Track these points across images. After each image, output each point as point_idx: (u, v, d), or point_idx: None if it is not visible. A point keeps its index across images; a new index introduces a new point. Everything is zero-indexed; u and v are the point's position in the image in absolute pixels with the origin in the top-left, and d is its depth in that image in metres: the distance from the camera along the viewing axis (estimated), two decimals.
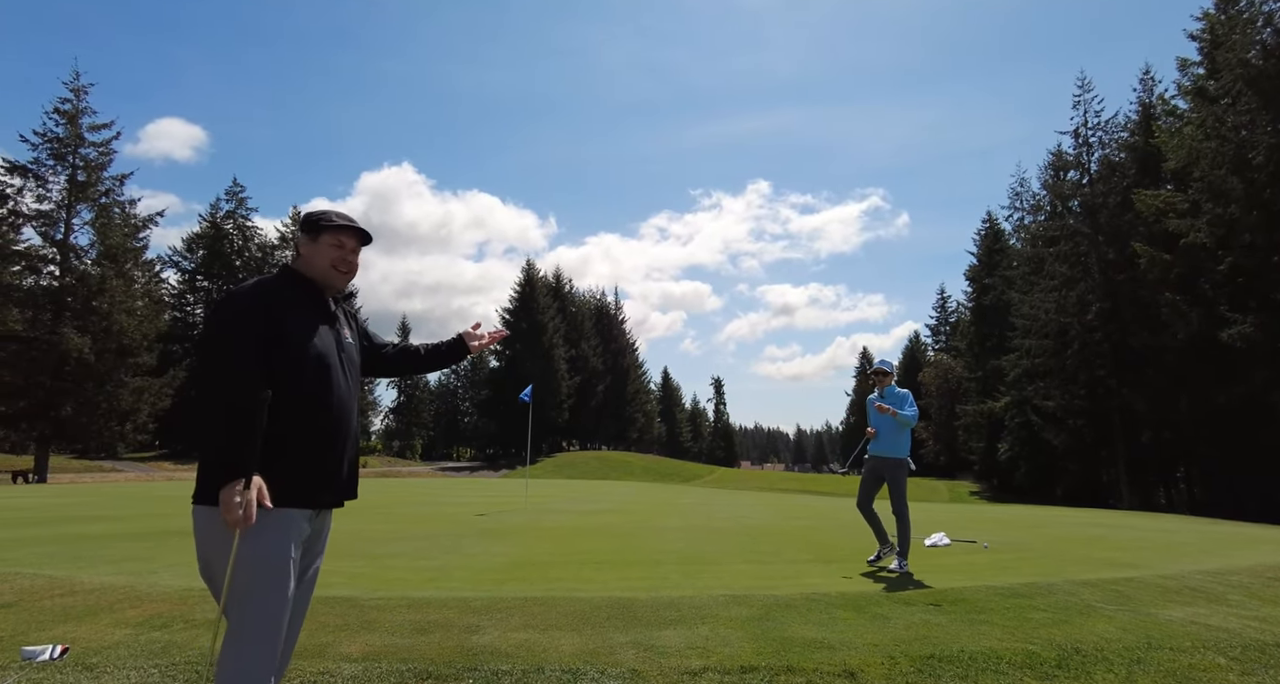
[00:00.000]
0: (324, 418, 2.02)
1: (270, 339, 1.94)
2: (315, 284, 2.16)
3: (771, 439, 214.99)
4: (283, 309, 2.00)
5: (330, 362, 2.06)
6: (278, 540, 1.92)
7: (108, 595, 4.23)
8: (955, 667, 3.09)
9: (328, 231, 2.15)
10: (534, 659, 3.14)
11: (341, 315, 2.25)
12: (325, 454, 2.04)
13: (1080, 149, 33.24)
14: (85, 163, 31.39)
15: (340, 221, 2.16)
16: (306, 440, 1.99)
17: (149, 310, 34.31)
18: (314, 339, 2.03)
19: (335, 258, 2.15)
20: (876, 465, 6.03)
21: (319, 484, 2.03)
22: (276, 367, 1.93)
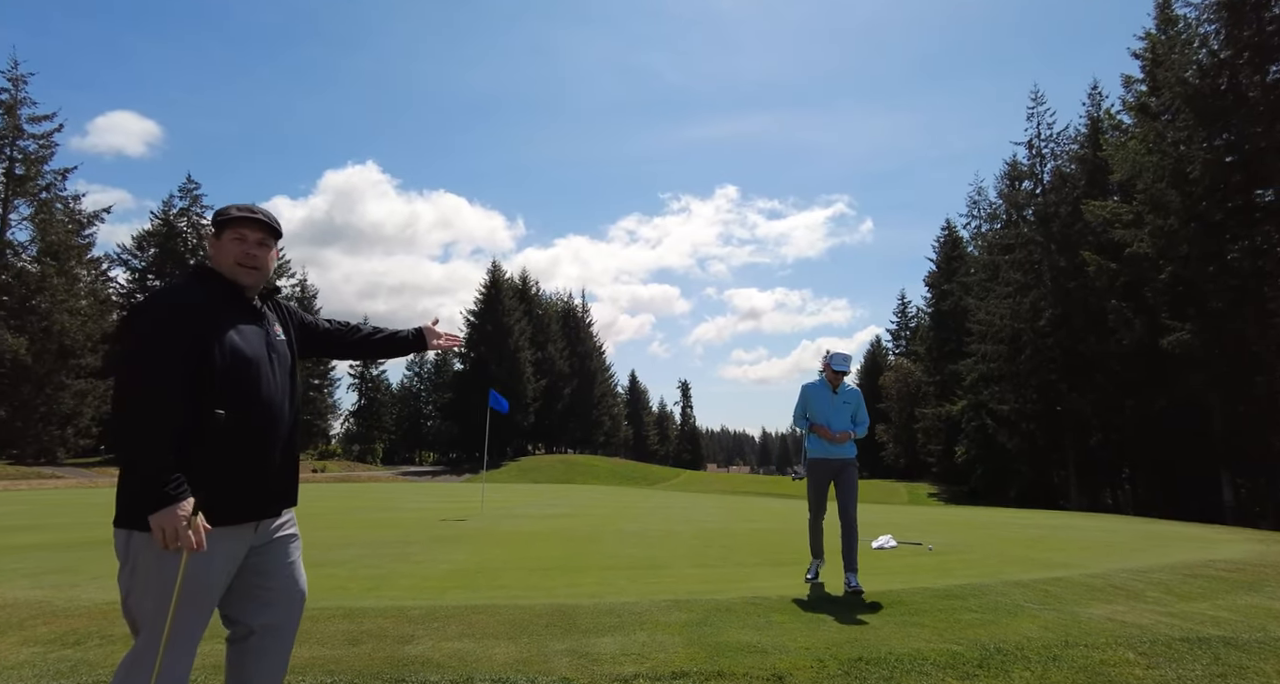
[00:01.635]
0: (253, 424, 1.92)
1: (190, 347, 1.82)
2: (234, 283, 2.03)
3: (738, 442, 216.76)
4: (202, 313, 1.88)
5: (258, 363, 1.95)
6: (201, 563, 1.81)
7: (19, 611, 4.04)
8: (881, 669, 3.15)
9: (228, 226, 2.02)
10: (465, 669, 3.10)
11: (270, 311, 2.14)
12: (256, 462, 1.94)
13: (1034, 160, 34.36)
14: (24, 156, 30.15)
15: (238, 213, 2.02)
16: (234, 450, 1.88)
17: (94, 310, 33.05)
18: (238, 342, 1.91)
19: (238, 253, 2.01)
20: (833, 468, 5.22)
21: (249, 496, 1.93)
22: (199, 376, 1.82)
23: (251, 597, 2.02)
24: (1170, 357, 23.00)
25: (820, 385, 5.32)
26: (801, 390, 5.40)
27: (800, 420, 5.41)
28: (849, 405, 5.29)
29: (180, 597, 1.78)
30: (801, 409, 5.37)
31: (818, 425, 5.22)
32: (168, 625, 1.76)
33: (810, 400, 5.31)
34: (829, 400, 5.27)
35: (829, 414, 5.22)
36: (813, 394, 5.30)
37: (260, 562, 2.03)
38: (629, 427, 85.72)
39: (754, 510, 15.68)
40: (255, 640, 2.02)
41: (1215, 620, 4.07)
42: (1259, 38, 20.97)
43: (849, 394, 5.32)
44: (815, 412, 5.26)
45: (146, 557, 1.79)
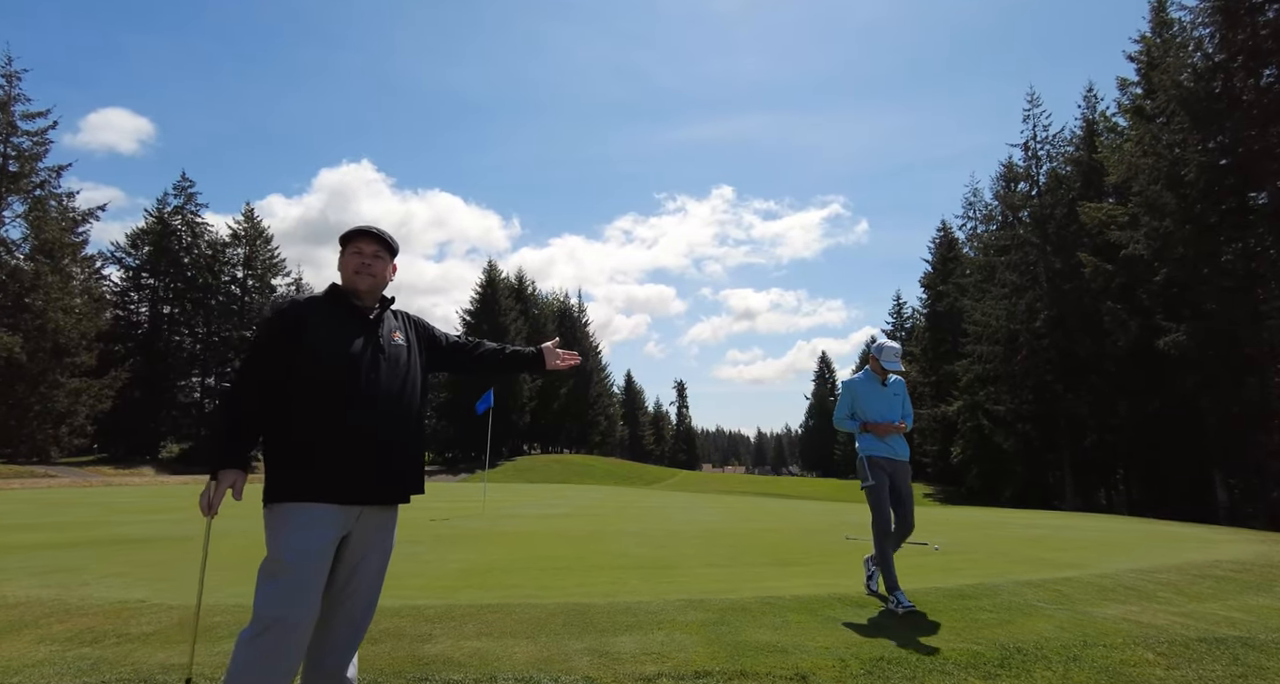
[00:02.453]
0: (347, 415, 2.13)
1: (291, 345, 2.14)
2: (351, 294, 2.35)
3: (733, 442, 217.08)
4: (309, 317, 2.20)
5: (356, 363, 2.19)
6: (292, 536, 2.06)
7: (33, 610, 4.01)
8: (903, 668, 3.16)
9: (349, 241, 2.37)
10: (487, 668, 3.09)
11: (391, 320, 2.42)
12: (351, 451, 2.13)
13: (1030, 162, 34.53)
14: (18, 152, 29.90)
15: (356, 228, 2.38)
16: (329, 438, 2.11)
17: (88, 308, 32.82)
18: (337, 343, 2.19)
19: (355, 264, 2.33)
20: (896, 470, 4.65)
21: (346, 480, 2.12)
22: (297, 371, 2.13)
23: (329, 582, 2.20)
24: (1164, 358, 23.15)
25: (867, 379, 4.83)
26: (845, 388, 4.89)
27: (846, 421, 4.83)
28: (899, 398, 4.82)
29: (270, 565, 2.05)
30: (848, 408, 4.82)
31: (872, 423, 4.68)
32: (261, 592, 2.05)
33: (859, 396, 4.79)
34: (879, 394, 4.77)
35: (882, 409, 4.72)
36: (862, 389, 4.80)
37: (342, 550, 2.22)
38: (625, 427, 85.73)
39: (753, 510, 15.71)
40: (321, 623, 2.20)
41: (1230, 621, 4.10)
42: (1253, 41, 21.13)
43: (897, 385, 4.85)
44: (866, 408, 4.74)
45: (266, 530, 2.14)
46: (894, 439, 4.67)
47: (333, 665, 2.24)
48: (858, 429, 4.74)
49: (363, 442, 2.16)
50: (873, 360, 4.85)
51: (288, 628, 2.00)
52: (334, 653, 2.24)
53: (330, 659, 2.23)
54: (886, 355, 4.74)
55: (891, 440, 4.65)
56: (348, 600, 2.24)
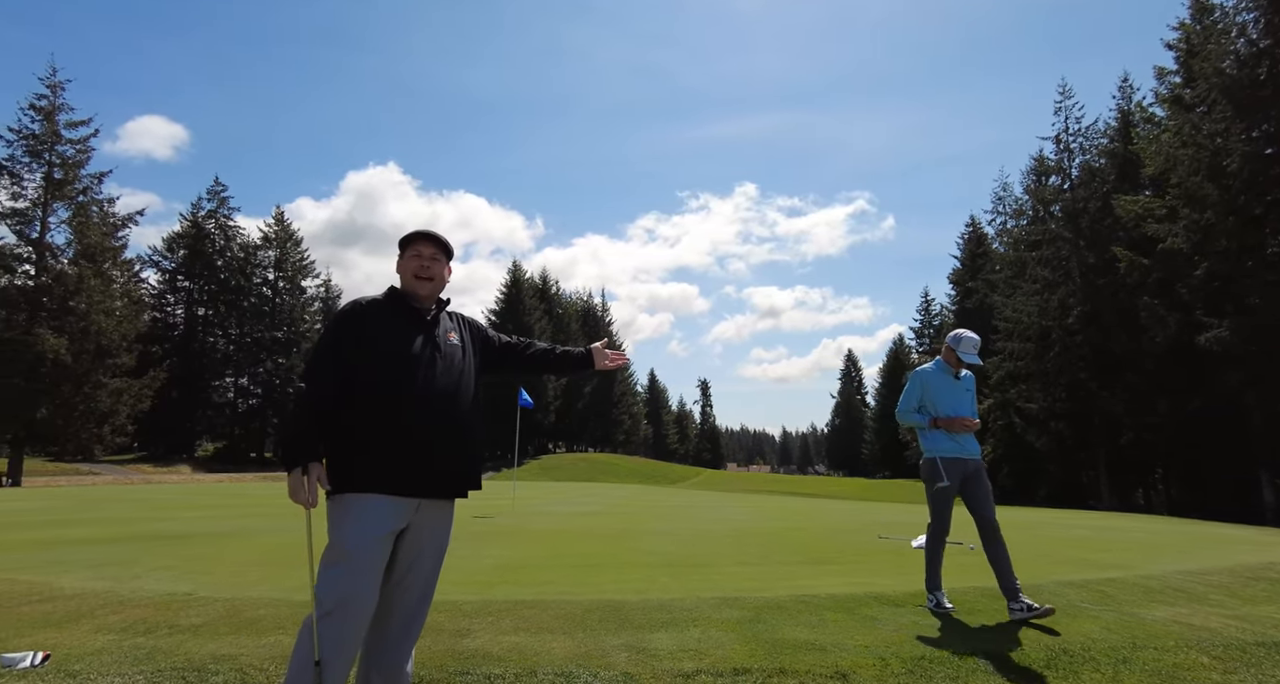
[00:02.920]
0: (405, 411, 2.21)
1: (353, 345, 2.23)
2: (410, 296, 2.43)
3: (757, 441, 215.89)
4: (370, 318, 2.30)
5: (414, 361, 2.27)
6: (353, 525, 2.15)
7: (88, 601, 4.15)
8: (945, 668, 3.11)
9: (409, 245, 2.45)
10: (526, 663, 3.12)
11: (447, 321, 2.50)
12: (411, 445, 2.20)
13: (1061, 155, 33.76)
14: (62, 160, 30.89)
15: (416, 232, 2.46)
16: (388, 432, 2.18)
17: (128, 310, 33.81)
18: (396, 342, 2.27)
19: (415, 267, 2.42)
20: (967, 470, 4.33)
21: (403, 473, 2.19)
22: (359, 368, 2.21)
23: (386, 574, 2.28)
24: (1206, 354, 22.47)
25: (939, 370, 4.45)
26: (914, 379, 4.50)
27: (912, 414, 4.45)
28: (970, 394, 4.46)
29: (334, 555, 2.13)
30: (915, 401, 4.44)
31: (944, 418, 4.30)
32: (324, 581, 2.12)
33: (930, 389, 4.41)
34: (951, 387, 4.39)
35: (954, 404, 4.35)
36: (934, 381, 4.42)
37: (399, 543, 2.28)
38: (648, 426, 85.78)
39: (782, 509, 15.61)
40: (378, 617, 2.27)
41: None
42: None
43: (969, 380, 4.51)
44: (938, 402, 4.36)
45: (328, 519, 2.23)
46: (965, 437, 4.31)
47: (391, 660, 2.29)
48: (925, 424, 4.36)
49: (419, 438, 2.24)
50: (948, 351, 4.44)
51: (350, 612, 2.09)
52: (391, 647, 2.29)
53: (388, 654, 2.29)
54: (965, 346, 4.33)
55: (962, 438, 4.30)
56: (404, 593, 2.30)
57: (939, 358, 4.54)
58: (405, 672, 2.34)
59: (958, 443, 4.30)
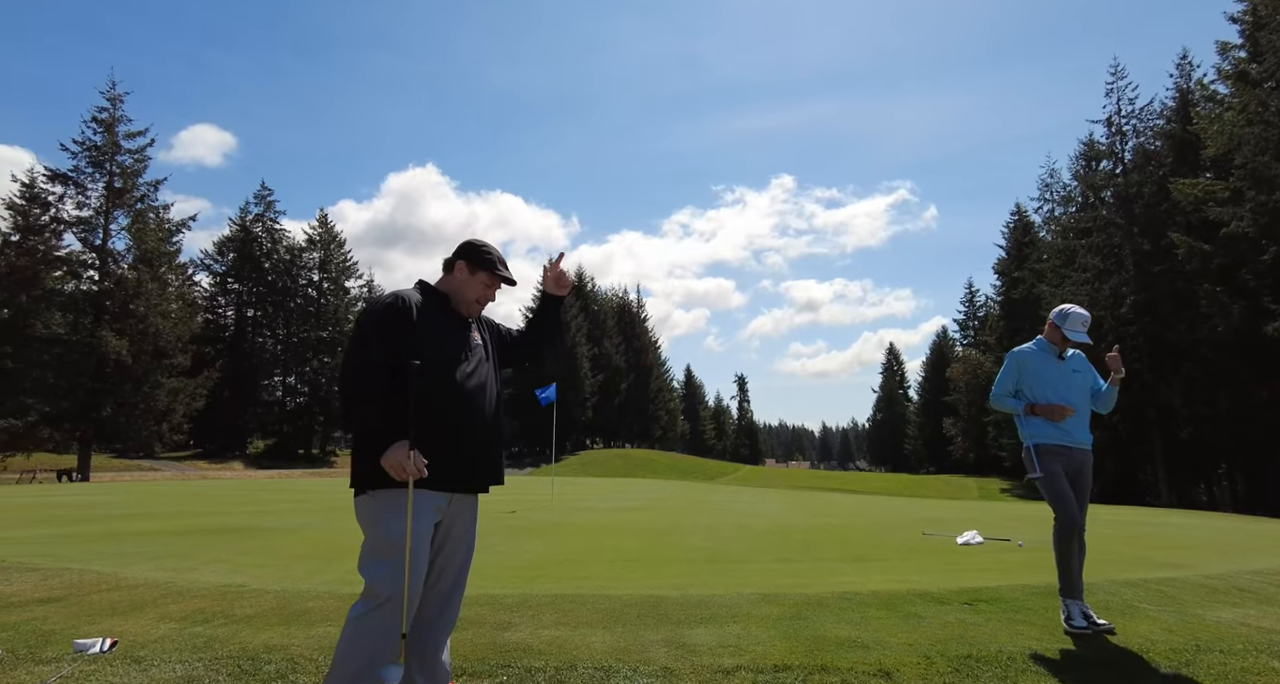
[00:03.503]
0: (448, 409, 2.28)
1: (399, 342, 2.24)
2: (449, 299, 2.47)
3: (796, 436, 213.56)
4: (417, 317, 2.31)
5: (456, 361, 2.33)
6: (398, 519, 2.19)
7: (151, 591, 4.35)
8: (993, 667, 3.03)
9: (487, 270, 2.49)
10: (566, 657, 3.15)
11: (474, 322, 2.56)
12: (451, 441, 2.27)
13: (1113, 138, 32.43)
14: (121, 170, 32.32)
15: (503, 272, 2.52)
16: (432, 428, 2.23)
17: (183, 313, 35.24)
18: (441, 344, 2.32)
19: (481, 295, 2.49)
20: (1075, 461, 3.90)
21: (445, 469, 2.26)
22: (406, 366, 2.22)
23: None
24: (1274, 343, 21.33)
25: (1040, 351, 4.02)
26: (1010, 360, 4.07)
27: (1007, 399, 4.05)
28: (1080, 375, 4.01)
29: (381, 547, 2.19)
30: (1011, 384, 4.05)
31: (1042, 405, 3.89)
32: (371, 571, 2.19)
33: (1028, 371, 4.00)
34: (1054, 369, 3.97)
35: (1057, 387, 3.92)
36: (1033, 362, 3.99)
37: (433, 536, 2.35)
38: (685, 421, 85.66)
39: (824, 505, 15.42)
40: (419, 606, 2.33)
41: None
42: None
43: (1077, 360, 4.06)
44: (1037, 385, 3.96)
45: (364, 515, 2.27)
46: (1073, 423, 3.87)
47: (430, 650, 2.36)
48: (1020, 410, 3.96)
49: (462, 436, 2.32)
50: (1052, 329, 4.01)
51: (398, 604, 2.16)
52: (429, 638, 2.36)
53: (427, 645, 2.36)
54: (1073, 323, 3.90)
55: (1069, 424, 3.86)
56: (439, 585, 2.39)
57: (1040, 337, 4.09)
58: (443, 661, 2.41)
59: (1062, 429, 3.85)
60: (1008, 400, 4.05)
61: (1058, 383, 3.93)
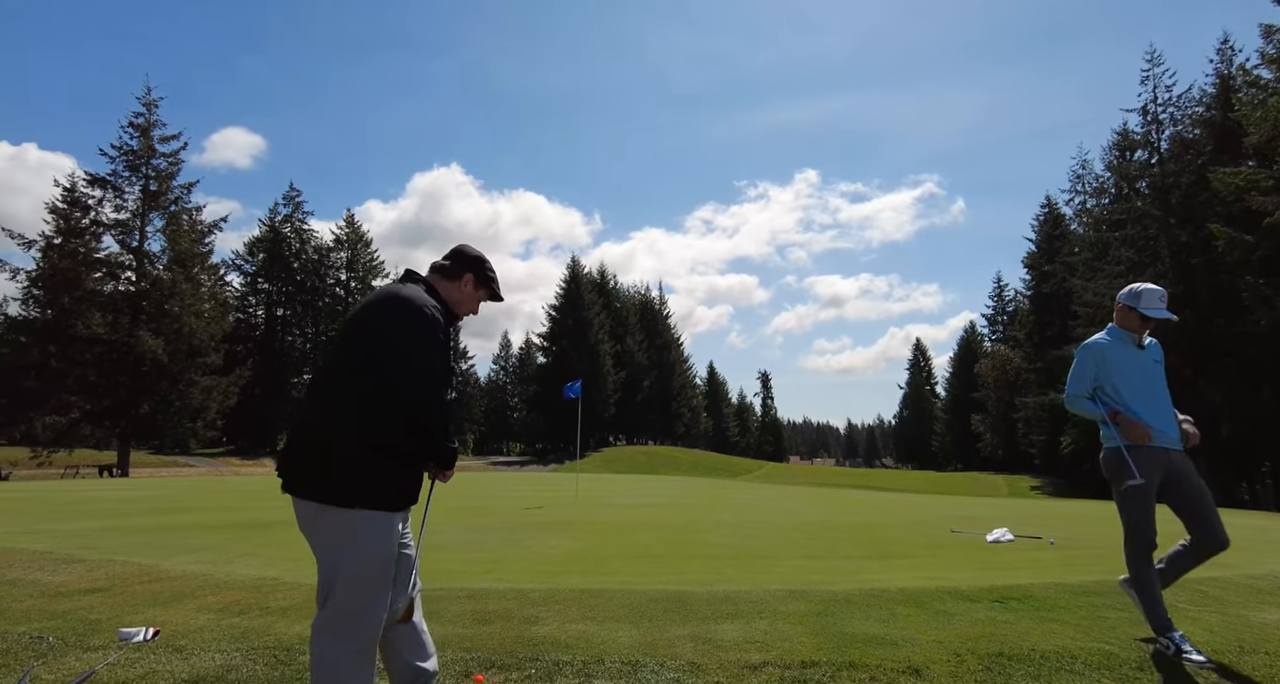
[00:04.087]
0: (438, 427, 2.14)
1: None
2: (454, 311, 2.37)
3: (821, 433, 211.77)
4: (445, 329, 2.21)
5: (451, 374, 2.23)
6: (390, 542, 2.05)
7: (190, 583, 4.47)
8: (1026, 666, 2.98)
9: (487, 289, 2.42)
10: (594, 651, 3.17)
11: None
12: (424, 461, 2.16)
13: (1149, 127, 31.54)
14: (156, 173, 33.14)
15: (498, 290, 2.46)
16: (415, 446, 2.08)
17: (215, 312, 36.03)
18: (447, 357, 2.20)
19: (474, 308, 2.42)
20: (1170, 464, 3.30)
21: (416, 486, 2.15)
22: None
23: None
24: None
25: (1116, 341, 3.42)
26: (1083, 354, 3.46)
27: (1082, 401, 3.45)
28: (1160, 365, 3.45)
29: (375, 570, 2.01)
30: (1088, 382, 3.44)
31: (1124, 417, 3.30)
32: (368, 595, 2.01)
33: (1107, 365, 3.38)
34: (1134, 361, 3.37)
35: (1141, 384, 3.35)
36: (1111, 355, 3.38)
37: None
38: (708, 418, 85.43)
39: (850, 503, 15.27)
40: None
41: None
42: None
43: (1157, 351, 3.48)
44: (1119, 384, 3.35)
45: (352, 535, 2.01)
46: (1166, 421, 3.32)
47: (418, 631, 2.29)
48: (1101, 416, 3.38)
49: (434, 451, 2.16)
50: (1125, 313, 3.42)
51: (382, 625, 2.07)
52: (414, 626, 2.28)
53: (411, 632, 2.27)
54: (1149, 300, 3.32)
55: (1162, 423, 3.32)
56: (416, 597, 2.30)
57: (1112, 325, 3.51)
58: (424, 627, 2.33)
59: (1155, 428, 3.30)
60: (1083, 402, 3.46)
61: (1139, 378, 3.34)
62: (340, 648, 1.95)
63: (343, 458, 1.96)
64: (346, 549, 1.98)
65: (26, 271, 30.10)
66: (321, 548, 2.01)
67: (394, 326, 2.03)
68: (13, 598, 4.06)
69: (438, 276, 2.33)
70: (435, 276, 2.34)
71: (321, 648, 1.96)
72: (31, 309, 30.64)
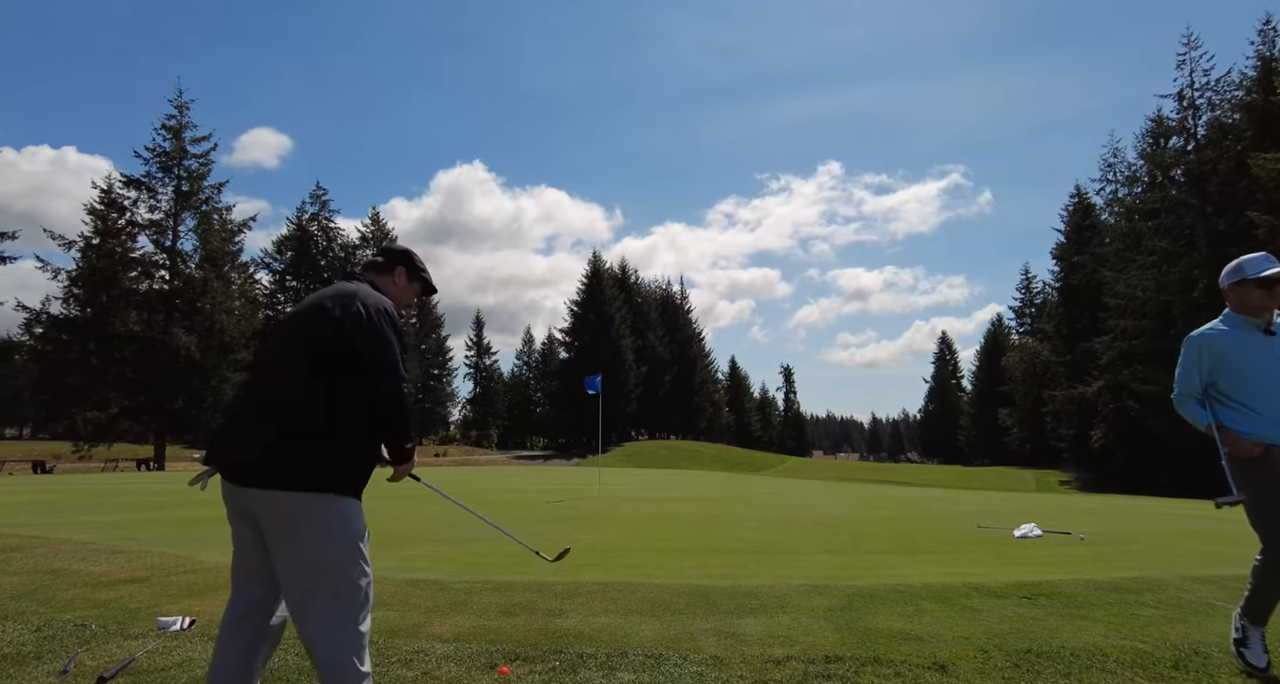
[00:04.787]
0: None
1: None
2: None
3: (845, 428, 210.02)
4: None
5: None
6: (363, 526, 2.10)
7: (224, 575, 4.59)
8: (1056, 663, 2.94)
9: (419, 281, 2.51)
10: (617, 643, 3.19)
11: None
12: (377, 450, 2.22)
13: (1185, 113, 30.64)
14: (188, 173, 33.85)
15: (431, 283, 2.58)
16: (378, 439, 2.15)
17: (245, 310, 36.77)
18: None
19: (409, 301, 2.51)
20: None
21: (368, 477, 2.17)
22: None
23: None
24: None
25: (1234, 328, 2.92)
26: (1190, 347, 2.99)
27: (1189, 403, 3.04)
28: None
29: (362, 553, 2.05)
30: (1197, 379, 2.98)
31: (1230, 433, 2.88)
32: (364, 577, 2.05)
33: (1220, 358, 2.91)
34: (1258, 351, 2.85)
35: (1270, 378, 2.82)
36: (1228, 345, 2.89)
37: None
38: (730, 413, 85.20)
39: (874, 497, 15.15)
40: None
41: None
42: None
43: None
44: (1242, 377, 2.86)
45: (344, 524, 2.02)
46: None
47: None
48: (1207, 425, 2.97)
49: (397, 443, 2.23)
50: (1237, 291, 2.91)
51: None
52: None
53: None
54: (1254, 265, 2.85)
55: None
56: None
57: (1227, 311, 2.98)
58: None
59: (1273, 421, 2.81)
60: (1189, 405, 3.02)
61: (1267, 371, 2.81)
62: (356, 634, 1.98)
63: (324, 447, 1.96)
64: (339, 536, 1.98)
65: (67, 272, 31.02)
66: (306, 540, 1.95)
67: (364, 321, 2.05)
68: (58, 587, 4.22)
69: (373, 274, 2.39)
70: (371, 275, 2.39)
71: (337, 639, 1.95)
72: (72, 308, 31.56)
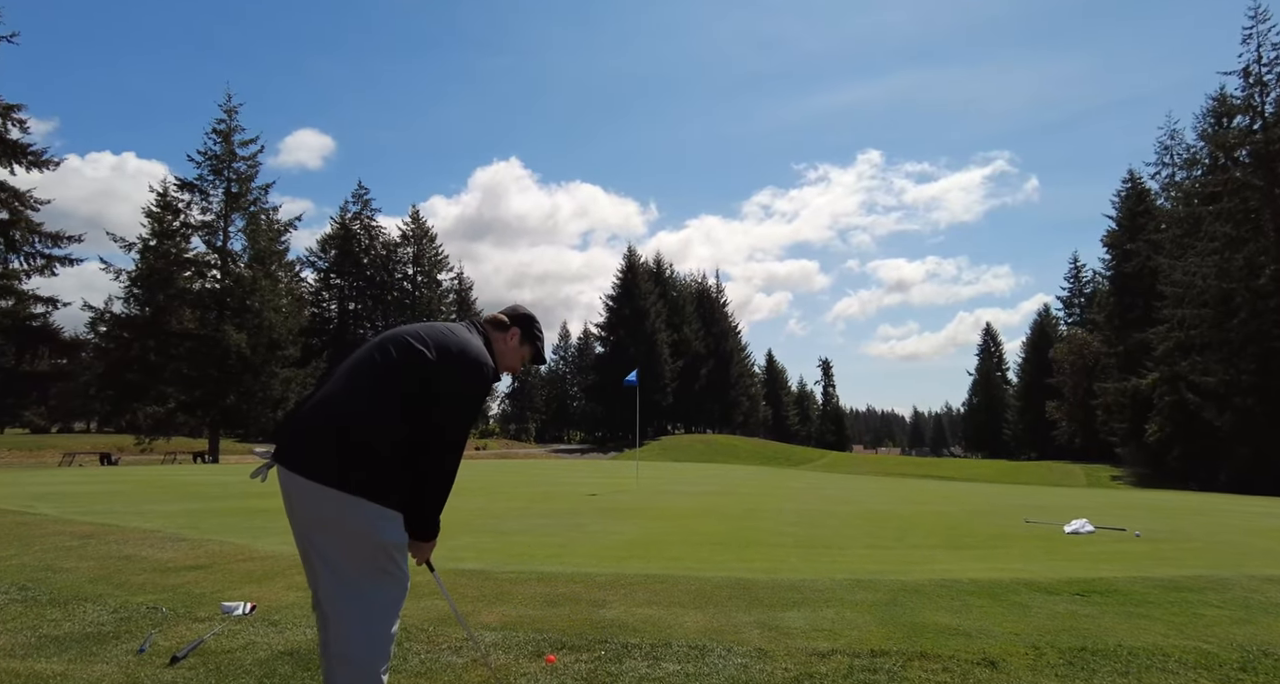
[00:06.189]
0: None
1: None
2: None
3: (886, 422, 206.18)
4: None
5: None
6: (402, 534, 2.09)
7: (279, 562, 4.77)
8: (1113, 662, 2.86)
9: (531, 346, 2.45)
10: (661, 634, 3.22)
11: None
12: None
13: (1251, 90, 29.10)
14: (237, 175, 34.99)
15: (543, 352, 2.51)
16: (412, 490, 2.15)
17: (292, 307, 37.90)
18: None
19: (516, 366, 2.44)
20: None
21: None
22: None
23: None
24: None
25: None
26: None
27: None
28: None
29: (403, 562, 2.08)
30: None
31: None
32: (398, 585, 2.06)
33: None
34: None
35: None
36: None
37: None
38: (767, 406, 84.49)
39: (917, 492, 14.89)
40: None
41: None
42: None
43: None
44: None
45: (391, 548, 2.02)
46: None
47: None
48: None
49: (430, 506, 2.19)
50: None
51: None
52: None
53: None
54: None
55: None
56: None
57: None
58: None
59: None
60: None
61: None
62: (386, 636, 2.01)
63: (385, 462, 1.97)
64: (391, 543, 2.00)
65: (127, 272, 32.46)
66: (353, 541, 1.96)
67: (459, 372, 2.07)
68: (131, 571, 4.44)
69: (491, 328, 2.38)
70: (489, 327, 2.38)
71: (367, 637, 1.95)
72: (132, 307, 33.06)
